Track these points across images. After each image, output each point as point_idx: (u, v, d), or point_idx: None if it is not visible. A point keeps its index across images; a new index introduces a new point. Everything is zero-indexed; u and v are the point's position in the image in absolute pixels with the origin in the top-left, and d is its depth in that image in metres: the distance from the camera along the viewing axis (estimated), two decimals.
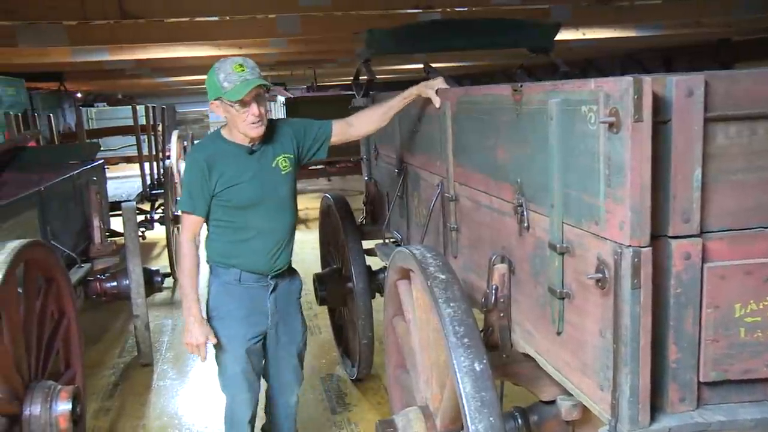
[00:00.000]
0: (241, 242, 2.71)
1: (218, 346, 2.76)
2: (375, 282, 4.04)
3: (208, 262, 2.81)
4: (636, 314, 1.51)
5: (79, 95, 15.93)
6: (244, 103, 2.52)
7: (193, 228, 2.68)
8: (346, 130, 2.92)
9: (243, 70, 2.50)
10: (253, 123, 2.56)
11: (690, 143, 1.49)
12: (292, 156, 2.77)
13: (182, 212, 2.70)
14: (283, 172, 2.73)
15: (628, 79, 1.43)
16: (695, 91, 1.46)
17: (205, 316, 2.75)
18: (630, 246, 1.49)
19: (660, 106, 1.48)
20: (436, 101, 2.69)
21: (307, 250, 7.36)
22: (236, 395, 2.84)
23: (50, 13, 4.99)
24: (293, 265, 2.98)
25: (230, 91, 2.50)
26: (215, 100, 2.58)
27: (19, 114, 8.74)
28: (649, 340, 1.53)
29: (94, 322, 5.67)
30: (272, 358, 2.96)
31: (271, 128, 2.72)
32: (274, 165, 2.71)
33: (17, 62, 8.16)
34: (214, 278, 2.80)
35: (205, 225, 2.75)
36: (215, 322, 2.75)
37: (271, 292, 2.81)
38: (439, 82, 2.73)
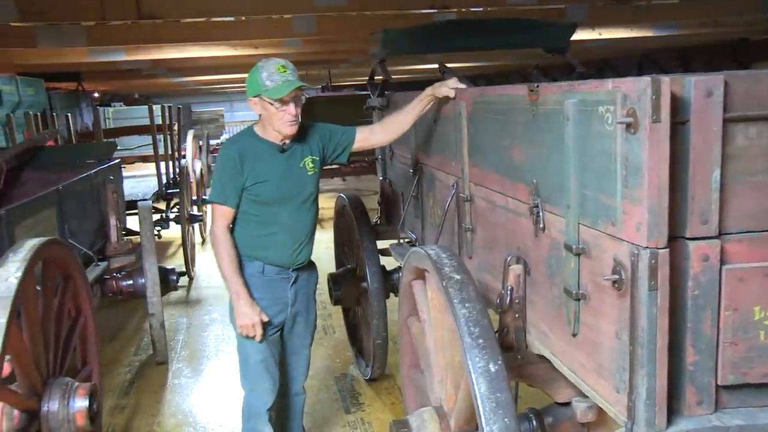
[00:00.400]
0: (265, 236, 2.81)
1: (240, 337, 2.85)
2: (389, 282, 4.03)
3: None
4: (653, 316, 1.50)
5: (96, 95, 16.10)
6: (283, 102, 2.65)
7: (224, 218, 2.79)
8: (369, 137, 3.02)
9: (285, 71, 2.65)
10: (289, 121, 2.69)
11: (709, 144, 1.48)
12: (317, 158, 2.90)
13: (213, 203, 2.80)
14: (309, 173, 2.86)
15: (646, 80, 1.42)
16: (714, 91, 1.45)
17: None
18: (647, 247, 1.48)
19: (678, 107, 1.46)
20: (451, 93, 2.71)
21: (321, 250, 7.33)
22: (257, 384, 2.91)
23: (70, 14, 5.05)
24: None
25: (272, 90, 2.63)
26: (254, 96, 2.70)
27: (38, 113, 8.84)
28: (666, 342, 1.52)
29: (110, 320, 5.72)
30: (286, 348, 3.06)
31: (301, 130, 2.84)
32: (301, 165, 2.83)
33: (36, 63, 8.26)
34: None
35: None
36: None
37: (292, 284, 2.92)
38: (452, 83, 2.74)
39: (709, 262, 1.51)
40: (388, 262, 4.03)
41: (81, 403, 2.61)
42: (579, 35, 4.89)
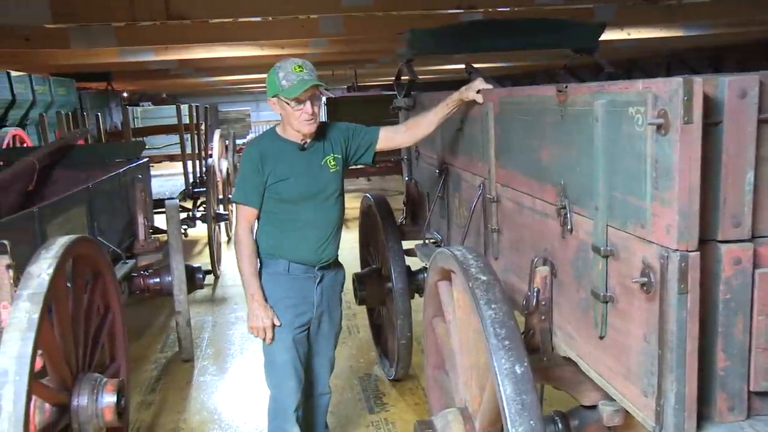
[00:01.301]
0: (289, 233, 2.84)
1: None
2: (414, 282, 4.03)
3: (258, 254, 2.92)
4: (682, 320, 1.48)
5: (125, 95, 16.36)
6: (299, 101, 2.67)
7: (247, 218, 2.84)
8: (393, 137, 3.02)
9: (301, 71, 2.66)
10: (306, 120, 2.71)
11: (742, 145, 1.45)
12: (340, 157, 2.91)
13: (236, 203, 2.86)
14: (331, 171, 2.87)
15: (678, 80, 1.40)
16: (749, 92, 1.43)
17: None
18: (677, 250, 1.46)
19: (711, 108, 1.44)
20: (479, 98, 2.69)
21: (346, 250, 7.31)
22: (283, 383, 2.92)
23: (101, 15, 5.13)
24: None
25: (287, 89, 2.66)
26: (273, 96, 2.74)
27: (70, 113, 9.00)
28: (696, 347, 1.50)
29: (137, 318, 5.79)
30: (312, 350, 3.05)
31: (323, 129, 2.87)
32: (323, 163, 2.85)
33: (68, 63, 8.41)
34: (263, 269, 2.92)
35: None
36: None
37: (318, 283, 2.93)
38: (478, 84, 2.73)
39: (742, 266, 1.49)
40: (413, 263, 4.02)
41: (109, 398, 2.64)
42: (607, 35, 4.84)
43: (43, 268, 2.38)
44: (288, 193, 2.80)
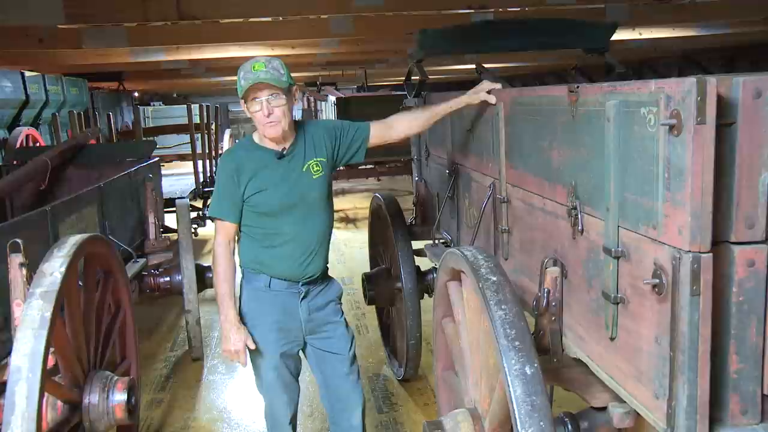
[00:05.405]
0: (270, 248, 2.66)
1: (253, 352, 2.71)
2: (423, 282, 4.03)
3: (240, 266, 2.77)
4: (695, 321, 1.47)
5: (136, 94, 16.45)
6: (254, 102, 2.49)
7: (226, 233, 2.65)
8: (386, 132, 2.83)
9: (259, 69, 2.45)
10: (265, 123, 2.51)
11: (757, 146, 1.44)
12: (325, 160, 2.68)
13: (214, 218, 2.69)
14: (314, 177, 2.65)
15: (691, 80, 1.40)
16: (764, 92, 1.42)
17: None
18: (689, 251, 1.45)
19: (725, 108, 1.43)
20: (492, 98, 2.66)
21: (355, 250, 7.43)
22: (275, 399, 2.81)
23: (113, 16, 5.16)
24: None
25: (240, 90, 2.50)
26: (242, 99, 2.58)
27: (82, 112, 9.06)
28: (708, 349, 1.48)
29: (147, 316, 5.82)
30: (326, 376, 2.86)
31: (304, 131, 2.66)
32: (304, 169, 2.63)
33: (81, 63, 8.46)
34: (245, 284, 2.76)
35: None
36: (247, 329, 2.70)
37: (302, 299, 2.72)
38: (486, 86, 2.71)
39: (755, 268, 1.47)
40: (423, 263, 4.02)
41: (120, 396, 2.66)
42: (618, 35, 4.82)
43: (55, 267, 2.40)
44: (266, 206, 2.59)
